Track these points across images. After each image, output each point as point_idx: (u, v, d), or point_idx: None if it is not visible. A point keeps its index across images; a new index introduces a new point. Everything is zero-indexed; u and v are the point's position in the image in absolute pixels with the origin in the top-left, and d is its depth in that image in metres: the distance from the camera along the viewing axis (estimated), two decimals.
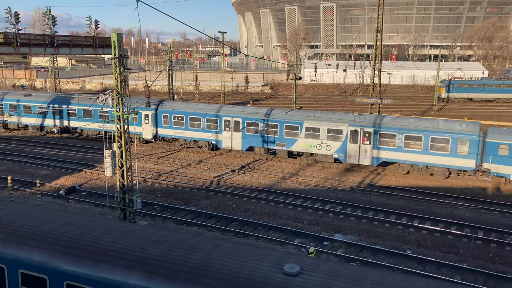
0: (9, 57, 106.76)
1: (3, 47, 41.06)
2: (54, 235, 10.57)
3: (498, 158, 26.78)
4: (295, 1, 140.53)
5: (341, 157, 31.32)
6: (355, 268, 9.84)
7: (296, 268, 8.71)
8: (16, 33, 43.08)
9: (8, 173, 28.65)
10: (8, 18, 43.22)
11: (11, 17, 43.48)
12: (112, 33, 18.72)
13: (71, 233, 10.62)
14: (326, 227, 21.70)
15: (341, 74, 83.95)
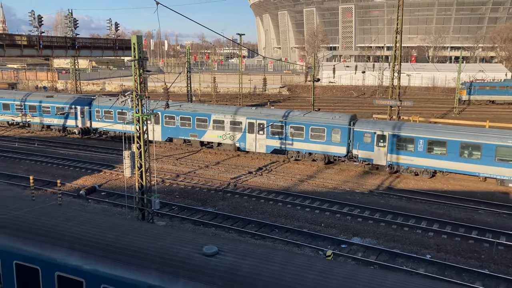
0: (32, 59, 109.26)
1: (26, 50, 41.92)
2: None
3: (364, 145, 30.63)
4: (314, 2, 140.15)
5: (241, 146, 35.23)
6: (281, 253, 10.80)
7: (213, 249, 9.77)
8: (39, 36, 43.96)
9: (30, 173, 29.22)
10: (31, 21, 44.15)
11: (35, 20, 44.41)
12: (132, 35, 18.94)
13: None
14: (343, 230, 21.53)
15: (359, 76, 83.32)
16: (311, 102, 44.92)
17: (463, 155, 28.11)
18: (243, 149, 35.37)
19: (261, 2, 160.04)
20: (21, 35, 44.84)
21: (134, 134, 19.60)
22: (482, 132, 28.60)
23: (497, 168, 27.37)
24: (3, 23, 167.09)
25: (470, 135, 28.14)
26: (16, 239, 10.91)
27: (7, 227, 11.48)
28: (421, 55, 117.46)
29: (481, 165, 27.69)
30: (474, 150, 27.82)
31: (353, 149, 31.19)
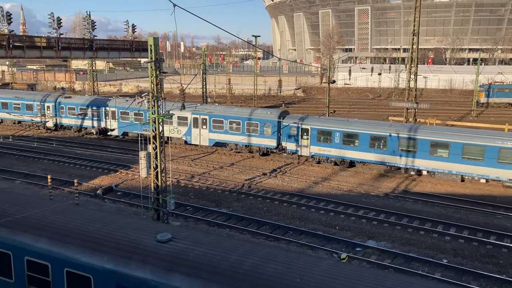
0: (51, 61, 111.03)
1: (45, 51, 42.62)
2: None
3: (291, 138, 33.64)
4: (329, 4, 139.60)
5: (188, 139, 37.76)
6: (231, 241, 12.07)
7: (167, 236, 10.66)
8: (58, 38, 44.66)
9: (48, 172, 29.72)
10: (51, 23, 44.86)
11: (54, 22, 45.11)
12: (149, 37, 19.13)
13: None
14: (358, 233, 21.37)
15: (375, 78, 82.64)
16: (326, 104, 44.72)
17: (372, 147, 31.04)
18: (189, 143, 37.97)
19: (277, 4, 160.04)
20: (40, 36, 45.62)
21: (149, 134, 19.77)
22: (388, 126, 31.84)
23: (397, 157, 30.28)
24: (24, 25, 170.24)
25: (379, 128, 31.16)
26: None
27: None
28: (438, 57, 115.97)
29: (385, 155, 30.72)
30: (380, 142, 30.77)
31: (282, 142, 34.24)
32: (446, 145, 28.66)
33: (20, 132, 45.57)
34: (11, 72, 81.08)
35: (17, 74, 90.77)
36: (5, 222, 11.85)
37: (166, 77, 22.89)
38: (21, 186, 27.67)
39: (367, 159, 31.45)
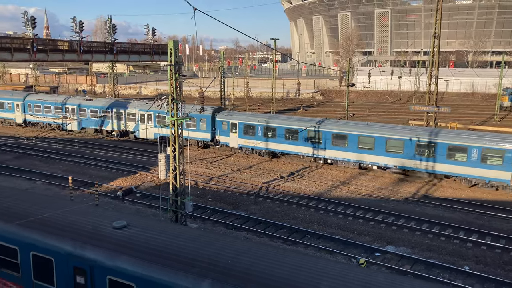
0: (73, 64, 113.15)
1: (68, 54, 43.46)
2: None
3: (223, 132, 37.15)
4: (348, 7, 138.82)
5: (136, 134, 41.37)
6: (178, 227, 13.79)
7: (122, 223, 11.93)
8: (80, 41, 45.50)
9: (69, 173, 30.23)
10: (73, 27, 45.72)
11: (76, 26, 45.97)
12: (169, 41, 19.31)
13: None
14: (377, 238, 21.11)
15: (395, 81, 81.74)
16: (345, 107, 44.40)
17: (287, 138, 34.54)
18: (137, 136, 41.48)
19: (296, 7, 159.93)
20: (63, 40, 46.54)
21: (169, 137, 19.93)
22: (304, 120, 35.42)
23: (305, 148, 33.84)
24: (47, 29, 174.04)
25: (294, 123, 34.67)
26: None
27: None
28: (460, 60, 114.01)
29: (298, 146, 34.05)
30: (294, 134, 34.08)
31: (216, 135, 37.71)
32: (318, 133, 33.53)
33: (43, 133, 46.51)
34: (35, 75, 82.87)
35: (40, 77, 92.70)
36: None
37: (185, 80, 23.07)
38: (43, 186, 28.20)
39: (285, 150, 35.03)
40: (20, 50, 37.69)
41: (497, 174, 27.18)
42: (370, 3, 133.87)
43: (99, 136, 44.73)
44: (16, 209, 13.18)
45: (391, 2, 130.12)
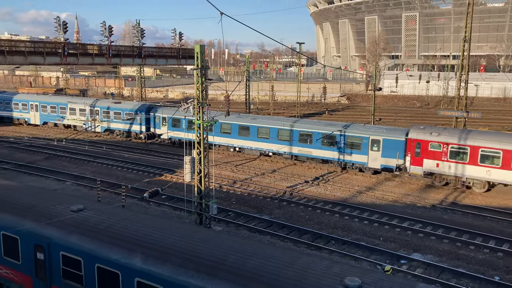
0: (102, 67, 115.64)
1: (97, 58, 44.48)
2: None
3: (157, 125, 42.61)
4: (376, 11, 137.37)
5: (87, 127, 47.19)
6: (129, 212, 15.50)
7: (80, 207, 13.70)
8: (109, 45, 46.50)
9: (97, 175, 30.88)
10: (103, 31, 46.77)
11: (105, 31, 47.01)
12: (195, 45, 19.51)
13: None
14: (403, 245, 20.72)
15: (423, 86, 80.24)
16: (371, 111, 43.86)
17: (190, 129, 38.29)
18: (88, 130, 47.20)
19: (322, 11, 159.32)
20: (92, 44, 47.67)
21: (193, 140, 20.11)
22: None
23: (218, 138, 38.07)
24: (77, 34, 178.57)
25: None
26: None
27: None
28: (491, 64, 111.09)
29: (211, 136, 38.01)
30: None
31: (152, 128, 43.14)
32: None
33: (72, 135, 47.66)
34: (65, 78, 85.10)
35: (70, 80, 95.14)
36: None
37: (211, 84, 23.25)
38: (72, 187, 28.87)
39: None
40: (52, 54, 38.80)
41: (359, 158, 32.29)
42: (397, 6, 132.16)
43: (126, 138, 45.53)
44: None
45: (419, 5, 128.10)
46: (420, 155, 29.56)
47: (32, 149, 39.68)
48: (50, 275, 12.76)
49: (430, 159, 29.21)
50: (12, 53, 35.37)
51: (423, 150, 29.43)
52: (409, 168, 30.13)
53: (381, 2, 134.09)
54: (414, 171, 29.93)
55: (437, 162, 28.95)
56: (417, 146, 29.63)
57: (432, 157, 29.12)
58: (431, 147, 29.22)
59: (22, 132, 48.60)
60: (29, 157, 37.07)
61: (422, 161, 29.49)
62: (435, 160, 29.02)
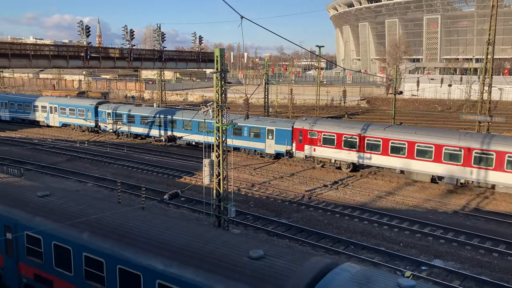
0: (123, 70, 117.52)
1: (119, 61, 45.30)
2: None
3: (103, 120, 47.55)
4: (396, 13, 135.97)
5: (48, 122, 53.25)
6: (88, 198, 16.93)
7: (46, 192, 15.48)
8: (130, 49, 47.21)
9: (118, 177, 31.30)
10: (124, 35, 47.54)
11: (127, 35, 47.76)
12: (215, 49, 19.62)
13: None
14: (424, 251, 20.38)
15: (445, 89, 78.94)
16: (392, 115, 43.36)
17: (143, 124, 44.86)
18: (50, 124, 53.14)
19: (341, 14, 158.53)
20: (114, 48, 48.49)
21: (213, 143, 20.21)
22: (150, 111, 45.95)
23: (139, 128, 45.17)
24: (99, 37, 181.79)
25: (147, 111, 45.52)
26: None
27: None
28: None
29: (134, 127, 45.67)
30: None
31: (99, 123, 47.72)
32: None
33: (94, 137, 48.46)
34: (87, 81, 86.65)
35: (92, 83, 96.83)
36: None
37: (230, 87, 23.33)
38: (93, 188, 29.33)
39: (140, 132, 45.74)
40: (75, 57, 39.64)
41: (259, 145, 37.75)
42: (419, 9, 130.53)
43: (146, 140, 46.08)
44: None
45: (441, 8, 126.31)
46: (302, 142, 35.19)
47: (55, 150, 40.49)
48: (17, 253, 14.64)
49: (309, 145, 34.71)
50: (37, 57, 36.28)
51: (304, 137, 34.94)
52: (295, 153, 35.90)
53: (402, 5, 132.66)
54: (298, 155, 35.83)
55: (314, 147, 34.45)
56: (300, 134, 35.19)
57: (310, 143, 34.78)
58: (309, 135, 34.69)
59: (45, 134, 49.64)
60: (52, 158, 37.83)
61: (304, 147, 34.96)
62: (312, 145, 34.58)
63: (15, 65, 36.27)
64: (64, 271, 13.35)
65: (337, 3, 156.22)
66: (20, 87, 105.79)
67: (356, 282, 9.14)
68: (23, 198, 15.11)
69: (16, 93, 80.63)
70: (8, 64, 34.48)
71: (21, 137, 47.35)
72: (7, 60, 33.47)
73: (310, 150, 34.77)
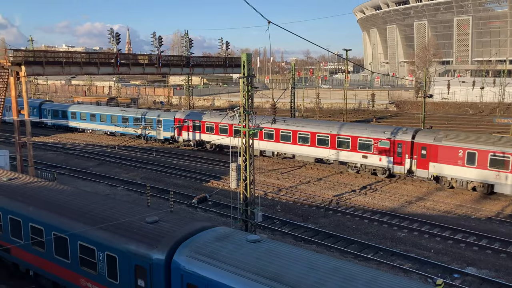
0: (151, 76, 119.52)
1: (147, 68, 46.12)
2: None
3: (47, 117, 56.11)
4: (425, 16, 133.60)
5: None
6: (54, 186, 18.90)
7: (10, 177, 18.67)
8: (159, 55, 48.02)
9: (147, 181, 31.80)
10: (153, 41, 48.43)
11: (156, 41, 48.62)
12: (242, 54, 19.74)
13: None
14: (456, 258, 19.83)
15: (477, 92, 76.90)
16: (421, 119, 42.52)
17: (93, 120, 52.71)
18: None
19: (369, 17, 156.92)
20: (143, 54, 49.41)
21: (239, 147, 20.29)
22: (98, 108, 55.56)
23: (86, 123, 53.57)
24: (129, 44, 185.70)
25: (91, 108, 54.02)
26: None
27: None
28: None
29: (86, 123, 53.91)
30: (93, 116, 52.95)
31: (43, 119, 55.11)
32: None
33: (124, 142, 49.43)
34: (117, 87, 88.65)
35: (122, 89, 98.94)
36: None
37: (257, 92, 23.40)
38: (123, 192, 29.89)
39: (85, 127, 53.90)
40: (105, 64, 40.59)
41: (153, 133, 46.85)
42: (449, 11, 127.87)
43: (174, 145, 46.67)
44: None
45: (472, 9, 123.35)
46: (181, 129, 44.17)
47: (86, 155, 41.50)
48: None
49: (185, 131, 44.25)
50: (70, 64, 37.32)
51: (182, 126, 44.31)
52: (177, 138, 45.07)
53: (431, 6, 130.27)
54: (179, 140, 45.12)
55: (188, 133, 43.99)
56: (179, 123, 44.27)
57: (186, 129, 44.20)
58: (184, 123, 43.89)
59: (77, 139, 50.98)
60: (83, 163, 38.80)
61: (182, 133, 44.46)
62: (186, 131, 44.17)
63: (49, 72, 37.40)
64: None
65: (364, 6, 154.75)
66: (53, 93, 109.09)
67: (216, 238, 12.56)
68: None
69: (49, 99, 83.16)
70: (42, 72, 35.60)
71: (54, 142, 48.77)
72: (41, 67, 34.57)
73: (186, 135, 44.31)
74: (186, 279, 11.64)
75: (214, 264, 11.36)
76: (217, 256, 11.62)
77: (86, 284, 14.24)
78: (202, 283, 11.31)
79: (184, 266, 11.71)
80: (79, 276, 14.38)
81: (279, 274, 10.60)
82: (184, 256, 11.85)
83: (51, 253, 15.13)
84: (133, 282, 12.79)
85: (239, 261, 11.33)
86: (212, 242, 12.28)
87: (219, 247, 12.02)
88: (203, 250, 11.94)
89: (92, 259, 13.75)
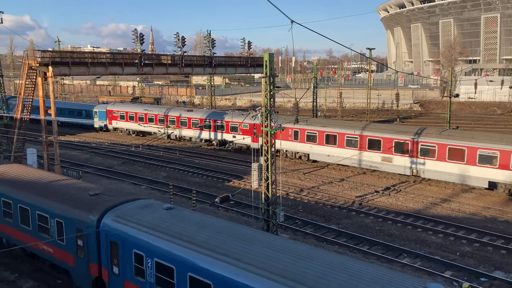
0: (174, 76, 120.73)
1: (171, 68, 46.44)
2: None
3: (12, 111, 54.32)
4: (451, 13, 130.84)
5: None
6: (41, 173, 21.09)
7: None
8: (182, 55, 48.37)
9: (169, 179, 32.11)
10: (176, 42, 48.81)
11: (179, 41, 49.00)
12: (264, 53, 19.71)
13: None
14: (483, 261, 19.35)
15: (505, 91, 74.86)
16: (447, 119, 41.65)
17: (80, 116, 58.69)
18: None
19: (393, 15, 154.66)
20: (166, 54, 49.83)
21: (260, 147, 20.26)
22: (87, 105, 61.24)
23: None
24: (152, 45, 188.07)
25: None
26: None
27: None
28: None
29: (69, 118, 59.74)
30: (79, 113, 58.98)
31: None
32: None
33: (148, 141, 50.06)
34: (141, 87, 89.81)
35: (145, 89, 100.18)
36: None
37: (278, 91, 23.34)
38: (146, 191, 30.27)
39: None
40: (129, 64, 41.10)
41: (91, 122, 57.12)
42: (476, 8, 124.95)
43: (197, 144, 47.02)
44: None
45: (500, 6, 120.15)
46: (111, 119, 54.40)
47: (111, 154, 42.20)
48: None
49: (114, 120, 54.26)
50: (95, 64, 37.92)
51: (112, 116, 54.20)
52: (109, 126, 55.10)
53: (457, 4, 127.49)
54: (109, 127, 55.38)
55: (113, 121, 54.50)
56: (109, 114, 54.40)
57: (115, 119, 54.27)
58: (114, 114, 54.05)
59: (102, 138, 51.90)
60: (108, 161, 39.47)
61: (112, 122, 54.61)
62: (115, 120, 54.17)
63: (75, 73, 38.10)
64: None
65: (388, 5, 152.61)
66: (79, 93, 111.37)
67: (138, 206, 15.33)
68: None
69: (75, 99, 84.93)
70: (69, 72, 36.29)
71: (80, 141, 49.77)
72: (68, 68, 35.23)
73: (116, 124, 53.81)
74: (110, 238, 14.39)
75: (131, 226, 14.02)
76: (134, 219, 14.31)
77: (42, 247, 17.12)
78: (120, 240, 14.04)
79: (108, 226, 14.47)
80: (38, 240, 17.20)
81: (180, 232, 13.20)
82: (110, 219, 14.62)
83: (18, 222, 18.00)
84: (74, 242, 15.51)
85: (152, 223, 13.95)
86: (134, 209, 15.08)
87: (138, 213, 14.79)
88: (125, 214, 14.72)
89: (46, 225, 16.62)
